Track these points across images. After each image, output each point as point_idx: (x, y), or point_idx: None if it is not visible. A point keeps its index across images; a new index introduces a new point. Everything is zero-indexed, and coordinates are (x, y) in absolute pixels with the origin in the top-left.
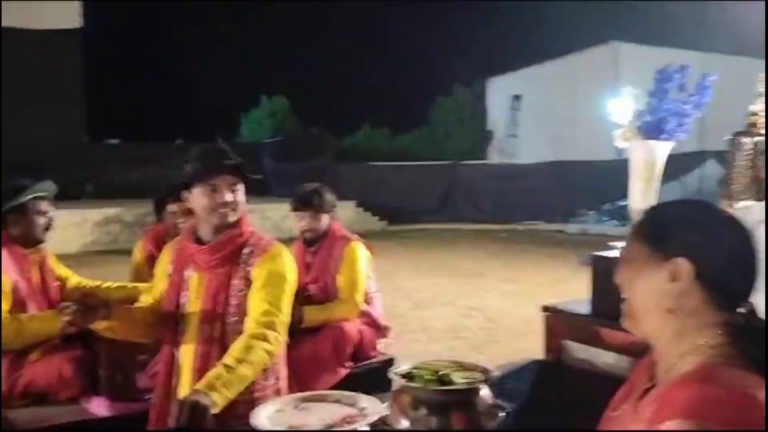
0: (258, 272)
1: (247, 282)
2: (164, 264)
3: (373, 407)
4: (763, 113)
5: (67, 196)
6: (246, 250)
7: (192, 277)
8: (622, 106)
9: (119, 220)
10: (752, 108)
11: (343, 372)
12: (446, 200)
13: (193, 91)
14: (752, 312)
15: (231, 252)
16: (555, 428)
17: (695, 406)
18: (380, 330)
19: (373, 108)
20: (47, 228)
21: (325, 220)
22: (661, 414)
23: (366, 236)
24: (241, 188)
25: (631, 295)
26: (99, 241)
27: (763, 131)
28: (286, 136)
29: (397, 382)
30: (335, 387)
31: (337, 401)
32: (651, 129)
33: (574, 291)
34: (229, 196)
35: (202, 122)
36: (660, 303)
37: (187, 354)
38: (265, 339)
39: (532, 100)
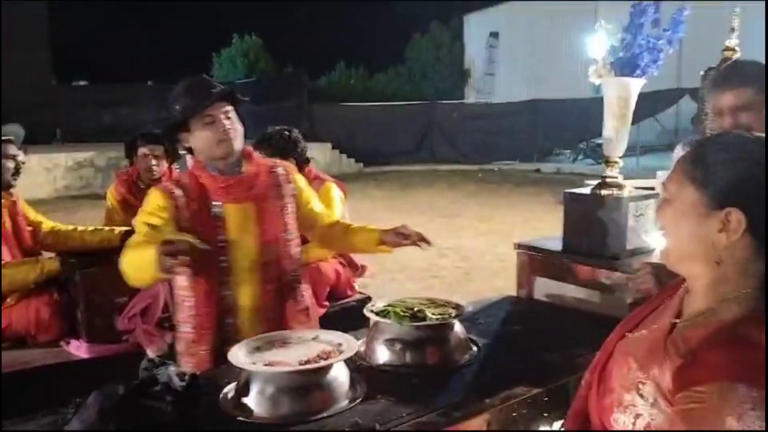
0: (296, 186)
1: (294, 200)
2: (164, 210)
3: (349, 344)
4: (737, 48)
5: (36, 140)
6: (279, 170)
7: (226, 211)
8: (597, 42)
9: (91, 164)
10: (727, 42)
11: (321, 311)
12: (423, 141)
13: (162, 30)
14: None
15: (269, 176)
16: (525, 360)
17: (737, 368)
18: (356, 269)
19: (348, 47)
20: (16, 172)
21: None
22: (701, 373)
23: (342, 178)
24: (234, 114)
25: (674, 238)
26: (72, 186)
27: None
28: (260, 77)
29: (373, 319)
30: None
31: (315, 339)
32: (624, 65)
33: (549, 229)
34: (228, 124)
35: (173, 62)
36: (707, 252)
37: (246, 285)
38: None
39: (510, 38)
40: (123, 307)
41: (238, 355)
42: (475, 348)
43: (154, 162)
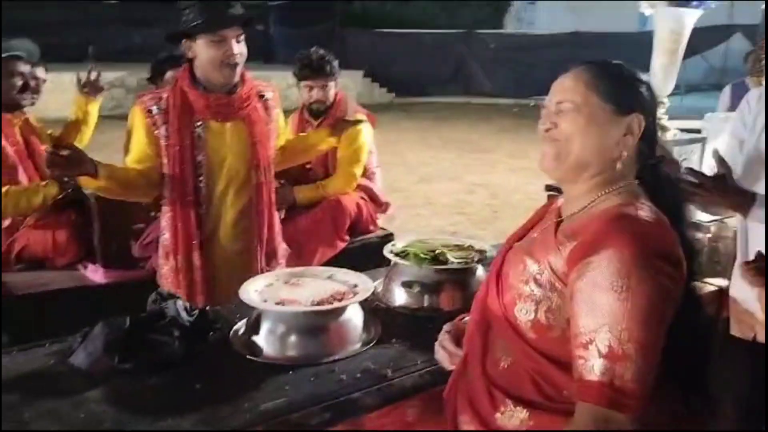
0: (277, 112)
1: (276, 124)
2: (146, 126)
3: (364, 285)
4: None
5: (68, 57)
6: (269, 94)
7: (208, 129)
8: None
9: (122, 85)
10: None
11: (341, 245)
12: (458, 72)
13: None
14: (662, 160)
15: (258, 95)
16: None
17: (623, 238)
18: (380, 205)
19: None
20: (25, 89)
21: (332, 89)
22: (588, 248)
23: (373, 108)
24: (243, 38)
25: (581, 142)
26: (103, 106)
27: None
28: None
29: (392, 260)
30: (332, 260)
31: (330, 277)
32: None
33: None
34: (236, 48)
35: None
36: (611, 153)
37: (228, 203)
38: None
39: None
40: (140, 233)
41: (249, 291)
42: None
43: None
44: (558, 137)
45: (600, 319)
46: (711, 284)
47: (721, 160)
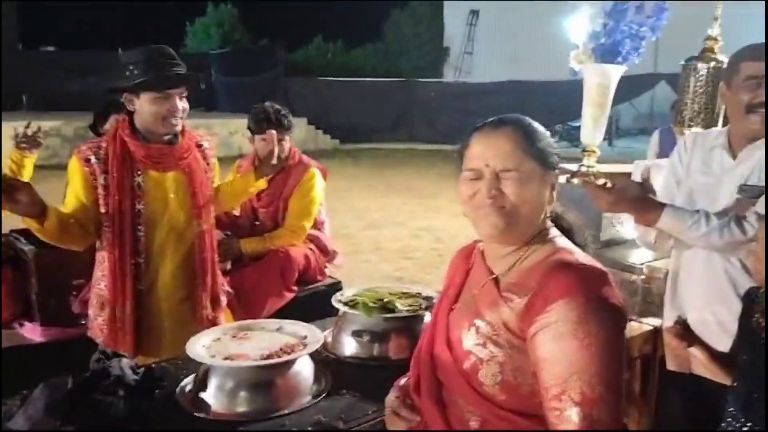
0: (214, 161)
1: (212, 173)
2: (84, 175)
3: (313, 336)
4: (719, 38)
5: (1, 107)
6: (206, 144)
7: (148, 179)
8: (579, 26)
9: (58, 134)
10: (709, 31)
11: (289, 296)
12: (400, 119)
13: None
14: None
15: (197, 146)
16: None
17: (573, 286)
18: (328, 254)
19: (325, 20)
20: None
21: (288, 143)
22: (541, 302)
23: (318, 155)
24: (185, 93)
25: (526, 209)
26: (38, 156)
27: (719, 56)
28: (235, 48)
29: (341, 310)
30: (281, 311)
31: (278, 329)
32: (606, 52)
33: None
34: (179, 104)
35: (145, 30)
36: (544, 210)
37: (168, 253)
38: None
39: (490, 16)
40: (80, 289)
41: (197, 347)
42: None
43: None
44: (504, 204)
45: (568, 368)
46: (646, 323)
47: (644, 179)
